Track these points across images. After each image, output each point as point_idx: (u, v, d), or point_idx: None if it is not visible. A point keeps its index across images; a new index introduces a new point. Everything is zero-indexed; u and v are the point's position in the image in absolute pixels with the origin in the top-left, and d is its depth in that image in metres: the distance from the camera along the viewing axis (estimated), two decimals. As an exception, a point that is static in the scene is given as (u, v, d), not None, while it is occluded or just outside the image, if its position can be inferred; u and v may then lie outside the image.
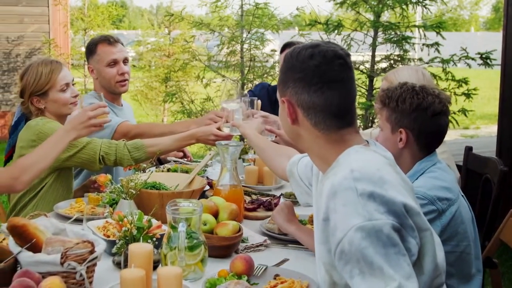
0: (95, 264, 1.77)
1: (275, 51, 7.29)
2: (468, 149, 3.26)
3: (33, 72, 2.80)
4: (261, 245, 2.22)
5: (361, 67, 5.79)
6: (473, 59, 5.48)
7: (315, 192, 1.77)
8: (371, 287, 1.39)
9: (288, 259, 2.11)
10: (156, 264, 1.91)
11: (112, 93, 3.39)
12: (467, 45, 5.64)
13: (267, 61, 7.16)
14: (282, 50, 3.96)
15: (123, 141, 2.77)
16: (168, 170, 3.11)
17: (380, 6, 5.61)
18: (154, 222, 2.04)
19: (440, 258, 1.62)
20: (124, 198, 2.30)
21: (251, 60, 6.87)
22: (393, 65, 5.70)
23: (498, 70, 5.50)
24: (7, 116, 9.45)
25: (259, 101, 3.02)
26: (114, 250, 1.93)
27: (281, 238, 2.30)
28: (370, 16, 5.84)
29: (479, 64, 5.51)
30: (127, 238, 1.90)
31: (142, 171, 2.61)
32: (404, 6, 5.64)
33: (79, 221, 2.26)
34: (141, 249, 1.76)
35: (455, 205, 2.16)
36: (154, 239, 1.92)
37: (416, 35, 5.82)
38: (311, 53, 1.59)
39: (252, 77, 6.81)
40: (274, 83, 5.03)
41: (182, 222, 1.84)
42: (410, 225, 1.47)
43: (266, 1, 6.84)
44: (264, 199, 2.72)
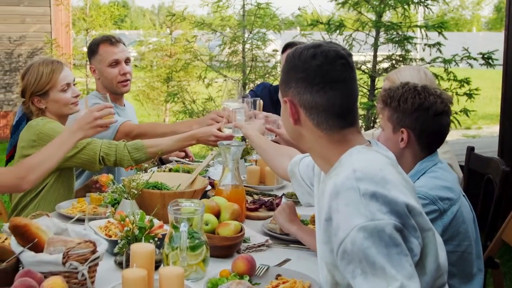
0: (97, 264, 1.77)
1: (277, 51, 7.28)
2: (470, 149, 3.26)
3: (34, 72, 2.80)
4: (263, 245, 2.22)
5: (363, 67, 5.79)
6: (475, 59, 5.47)
7: (317, 192, 1.77)
8: (373, 287, 1.39)
9: (290, 259, 2.11)
10: (158, 264, 1.90)
11: (114, 93, 3.39)
12: (469, 45, 5.64)
13: (269, 61, 7.15)
14: (284, 50, 3.96)
15: (123, 142, 2.76)
16: (170, 170, 3.11)
17: (382, 6, 5.61)
18: (156, 222, 2.04)
19: (442, 258, 1.61)
20: (126, 198, 2.30)
21: (253, 60, 6.87)
22: (395, 65, 5.69)
23: (500, 70, 5.50)
24: (9, 116, 9.45)
25: (261, 101, 3.01)
26: (116, 250, 1.93)
27: (283, 238, 2.29)
28: (372, 16, 5.84)
29: (481, 64, 5.51)
30: (129, 238, 1.90)
31: (144, 171, 2.61)
32: (406, 6, 5.63)
33: (81, 221, 2.26)
34: (143, 249, 1.77)
35: (457, 205, 2.16)
36: (156, 239, 1.92)
37: (418, 35, 5.82)
38: (313, 53, 1.59)
39: (254, 77, 6.80)
40: (276, 83, 5.03)
41: (184, 222, 1.84)
42: (413, 225, 1.47)
43: (268, 1, 6.84)
44: (266, 199, 2.72)
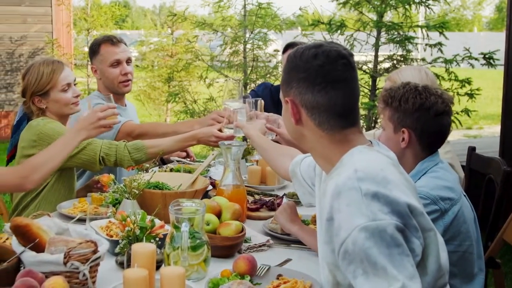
0: (98, 264, 1.76)
1: (278, 51, 7.28)
2: (471, 149, 3.25)
3: (35, 72, 2.79)
4: (264, 245, 2.22)
5: (364, 67, 5.79)
6: (476, 59, 5.47)
7: (318, 192, 1.76)
8: (375, 287, 1.39)
9: (291, 259, 2.11)
10: (159, 264, 1.90)
11: (116, 93, 3.38)
12: (470, 45, 5.64)
13: (270, 61, 7.15)
14: (285, 51, 3.96)
15: (124, 142, 2.76)
16: (171, 170, 3.11)
17: (383, 6, 5.61)
18: (157, 222, 2.04)
19: (444, 259, 1.61)
20: (127, 198, 2.30)
21: (254, 60, 6.87)
22: (396, 65, 5.69)
23: (501, 70, 5.50)
24: (10, 116, 9.46)
25: (262, 102, 3.01)
26: (117, 250, 1.93)
27: (284, 238, 2.29)
28: (373, 16, 5.84)
29: (482, 64, 5.51)
30: (130, 238, 1.90)
31: (145, 171, 2.61)
32: (407, 6, 5.63)
33: (82, 221, 2.26)
34: (144, 249, 1.77)
35: (458, 205, 2.16)
36: (157, 239, 1.92)
37: (419, 35, 5.82)
38: (315, 53, 1.59)
39: (255, 77, 6.81)
40: (277, 83, 5.02)
41: (185, 222, 1.84)
42: (414, 226, 1.47)
43: (269, 1, 6.84)
44: (267, 199, 2.72)
